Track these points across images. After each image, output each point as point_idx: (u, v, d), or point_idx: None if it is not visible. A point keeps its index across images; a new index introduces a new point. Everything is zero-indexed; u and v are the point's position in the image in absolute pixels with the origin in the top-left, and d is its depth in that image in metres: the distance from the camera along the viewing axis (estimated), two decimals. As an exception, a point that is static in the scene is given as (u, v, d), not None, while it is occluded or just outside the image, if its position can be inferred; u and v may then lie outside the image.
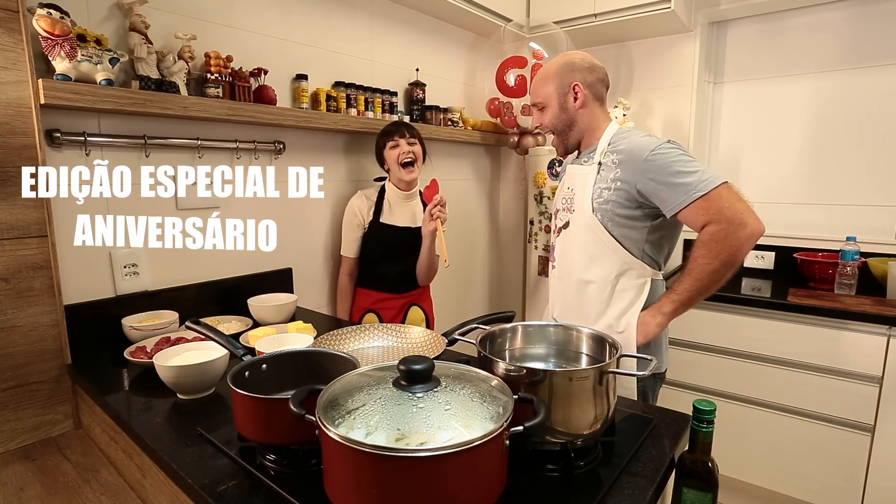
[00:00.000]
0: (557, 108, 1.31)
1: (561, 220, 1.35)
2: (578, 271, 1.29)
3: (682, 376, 2.03)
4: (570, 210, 1.31)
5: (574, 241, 1.30)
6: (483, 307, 2.83)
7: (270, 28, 1.65)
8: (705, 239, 1.12)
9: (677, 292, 1.19)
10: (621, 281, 1.24)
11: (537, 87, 1.33)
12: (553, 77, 1.30)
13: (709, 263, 1.12)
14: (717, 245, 1.10)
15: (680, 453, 0.82)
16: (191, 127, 1.46)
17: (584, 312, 1.29)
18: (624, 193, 1.20)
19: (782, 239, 2.24)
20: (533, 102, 1.35)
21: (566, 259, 1.33)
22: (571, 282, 1.31)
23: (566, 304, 1.35)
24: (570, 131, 1.33)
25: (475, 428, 0.60)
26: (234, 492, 0.73)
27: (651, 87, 2.42)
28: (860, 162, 2.12)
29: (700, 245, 1.14)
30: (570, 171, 1.36)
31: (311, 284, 1.87)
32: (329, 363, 0.88)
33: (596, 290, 1.26)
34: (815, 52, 2.17)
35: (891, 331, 1.63)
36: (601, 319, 1.26)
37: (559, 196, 1.40)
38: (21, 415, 1.17)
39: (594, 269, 1.26)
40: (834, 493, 1.76)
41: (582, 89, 1.28)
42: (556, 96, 1.30)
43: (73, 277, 1.28)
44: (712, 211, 1.10)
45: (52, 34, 1.11)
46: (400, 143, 1.72)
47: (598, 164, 1.25)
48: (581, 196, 1.27)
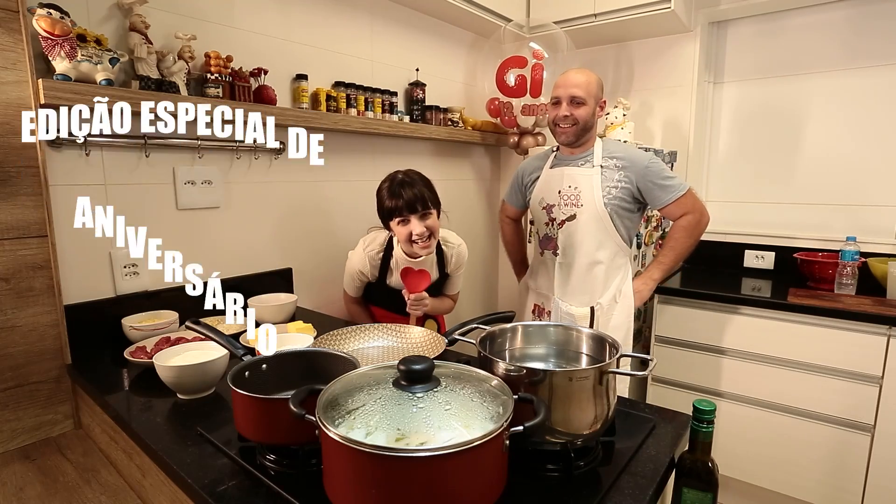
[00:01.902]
0: (591, 110, 1.58)
1: (563, 213, 1.64)
2: (588, 254, 1.62)
3: (682, 376, 2.03)
4: (577, 205, 1.61)
5: (584, 231, 1.61)
6: (483, 307, 2.83)
7: (270, 28, 1.65)
8: (684, 224, 1.59)
9: (665, 263, 1.65)
10: (615, 261, 1.64)
11: (583, 86, 1.56)
12: (594, 84, 1.58)
13: (686, 241, 1.60)
14: (695, 229, 1.59)
15: (680, 453, 0.82)
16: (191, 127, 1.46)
17: (591, 287, 1.65)
18: (627, 191, 1.58)
19: (782, 239, 2.24)
20: (574, 96, 1.55)
21: (574, 246, 1.63)
22: (581, 264, 1.64)
23: (572, 283, 1.66)
24: (587, 132, 1.61)
25: (475, 428, 0.60)
26: (234, 492, 0.73)
27: (651, 87, 2.42)
28: (860, 162, 2.12)
29: (680, 229, 1.60)
30: (566, 173, 1.64)
31: (311, 284, 1.87)
32: (329, 363, 0.88)
33: (602, 270, 1.63)
34: (815, 52, 2.17)
35: (891, 331, 1.63)
36: (607, 292, 1.65)
37: (551, 193, 1.67)
38: (21, 415, 1.17)
39: (602, 252, 1.62)
40: (834, 493, 1.76)
41: (603, 106, 1.64)
42: (594, 100, 1.58)
43: (73, 277, 1.28)
44: (688, 205, 1.57)
45: (52, 34, 1.11)
46: (411, 221, 1.43)
47: (600, 167, 1.59)
48: (590, 193, 1.59)
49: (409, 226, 1.43)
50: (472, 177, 2.61)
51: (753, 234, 2.33)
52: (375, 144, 2.04)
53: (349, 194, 1.97)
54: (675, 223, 1.61)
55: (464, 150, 2.52)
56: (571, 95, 1.55)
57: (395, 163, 2.12)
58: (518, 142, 2.41)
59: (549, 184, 1.68)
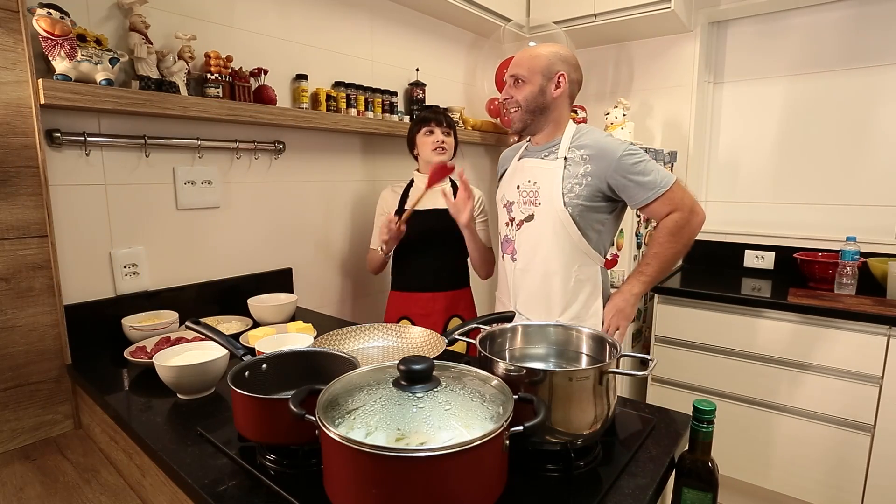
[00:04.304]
0: (536, 89, 1.32)
1: (522, 212, 1.38)
2: (544, 262, 1.34)
3: (682, 376, 2.03)
4: (535, 203, 1.34)
5: (540, 234, 1.34)
6: (483, 307, 2.82)
7: (270, 28, 1.65)
8: (670, 225, 1.27)
9: (647, 274, 1.31)
10: (579, 271, 1.34)
11: (523, 61, 1.33)
12: (543, 58, 1.32)
13: (673, 246, 1.28)
14: (682, 231, 1.27)
15: (680, 453, 0.82)
16: (191, 127, 1.46)
17: (549, 304, 1.36)
18: (593, 188, 1.28)
19: (782, 239, 2.25)
20: (512, 74, 1.34)
21: (531, 251, 1.37)
22: (537, 273, 1.36)
23: (530, 296, 1.39)
24: (540, 116, 1.35)
25: (475, 428, 0.60)
26: (234, 492, 0.73)
27: (651, 87, 2.42)
28: (860, 162, 2.12)
29: (664, 231, 1.28)
30: (526, 165, 1.39)
31: (312, 284, 1.87)
32: (329, 363, 0.88)
33: (560, 280, 1.34)
34: (815, 53, 2.17)
35: (891, 331, 1.63)
36: (567, 311, 1.35)
37: (510, 188, 1.42)
38: (21, 415, 1.17)
39: (558, 260, 1.33)
40: (834, 493, 1.76)
41: (565, 80, 1.32)
42: (541, 77, 1.31)
43: (73, 277, 1.28)
44: (675, 202, 1.26)
45: (52, 34, 1.11)
46: (436, 132, 1.69)
47: (564, 158, 1.31)
48: (549, 190, 1.31)
49: (434, 136, 1.68)
50: (472, 177, 2.61)
51: (753, 234, 2.33)
52: (376, 144, 2.04)
53: (349, 194, 1.97)
54: (659, 224, 1.30)
55: (464, 150, 2.52)
56: (511, 75, 1.34)
57: (395, 163, 2.13)
58: (518, 142, 2.41)
59: (512, 178, 1.44)
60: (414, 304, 1.72)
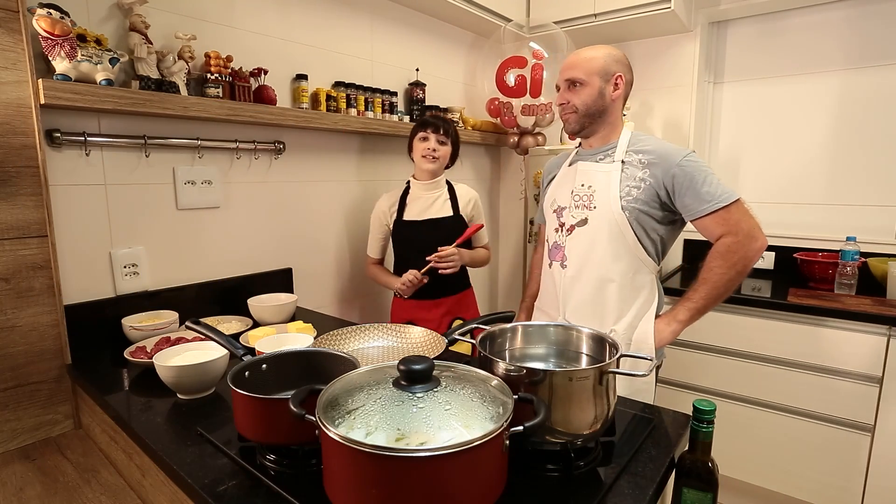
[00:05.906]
0: (596, 91, 1.27)
1: (574, 217, 1.32)
2: (600, 268, 1.27)
3: (682, 376, 2.03)
4: (590, 207, 1.29)
5: (594, 238, 1.28)
6: (483, 307, 2.82)
7: (270, 28, 1.65)
8: (722, 250, 1.19)
9: (693, 300, 1.23)
10: (636, 279, 1.27)
11: (581, 64, 1.28)
12: (600, 59, 1.27)
13: (725, 273, 1.19)
14: (734, 256, 1.17)
15: (680, 453, 0.82)
16: (191, 127, 1.46)
17: (603, 312, 1.29)
18: (652, 193, 1.23)
19: (782, 239, 2.24)
20: (569, 77, 1.29)
21: (583, 256, 1.30)
22: (589, 280, 1.29)
23: (581, 304, 1.31)
24: (597, 119, 1.30)
25: (475, 428, 0.60)
26: (234, 492, 0.73)
27: (651, 87, 2.42)
28: (860, 162, 2.12)
29: (716, 255, 1.20)
30: (580, 169, 1.34)
31: (312, 284, 1.87)
32: (329, 363, 0.88)
33: (616, 288, 1.27)
34: (815, 52, 2.17)
35: (891, 331, 1.63)
36: (622, 320, 1.27)
37: (562, 193, 1.37)
38: (21, 415, 1.17)
39: (617, 266, 1.26)
40: (834, 493, 1.76)
41: (622, 81, 1.29)
42: (599, 79, 1.27)
43: (73, 277, 1.28)
44: (731, 223, 1.17)
45: (52, 34, 1.11)
46: (430, 138, 1.70)
47: (622, 162, 1.26)
48: (605, 193, 1.26)
49: (427, 143, 1.69)
50: (472, 177, 2.61)
51: (753, 234, 2.32)
52: (376, 144, 2.04)
53: (349, 194, 1.97)
54: (712, 247, 1.22)
55: (464, 150, 2.51)
56: (566, 79, 1.30)
57: (395, 163, 2.13)
58: (518, 142, 2.41)
59: (563, 183, 1.38)
60: (418, 311, 1.75)
